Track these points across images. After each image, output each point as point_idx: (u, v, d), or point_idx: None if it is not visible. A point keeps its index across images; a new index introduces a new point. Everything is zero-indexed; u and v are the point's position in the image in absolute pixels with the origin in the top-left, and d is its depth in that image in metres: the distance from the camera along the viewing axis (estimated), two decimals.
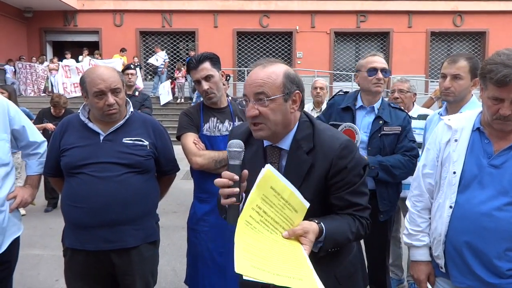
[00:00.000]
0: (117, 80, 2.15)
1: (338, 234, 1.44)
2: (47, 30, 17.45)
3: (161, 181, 2.44)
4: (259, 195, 1.36)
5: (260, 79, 1.45)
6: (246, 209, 1.34)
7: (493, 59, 1.60)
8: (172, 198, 6.27)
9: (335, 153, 1.48)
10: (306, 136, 1.53)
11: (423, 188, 1.91)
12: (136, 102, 5.15)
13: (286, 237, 1.35)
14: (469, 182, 1.71)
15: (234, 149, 1.39)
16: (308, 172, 1.50)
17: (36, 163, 2.44)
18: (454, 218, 1.73)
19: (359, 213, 1.54)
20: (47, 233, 5.16)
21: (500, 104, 1.59)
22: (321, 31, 17.03)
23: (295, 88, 1.50)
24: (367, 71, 2.67)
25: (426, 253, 1.90)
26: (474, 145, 1.74)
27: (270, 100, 1.44)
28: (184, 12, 16.84)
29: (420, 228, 1.91)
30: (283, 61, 1.57)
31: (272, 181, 1.37)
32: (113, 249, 2.13)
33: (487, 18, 16.74)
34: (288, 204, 1.40)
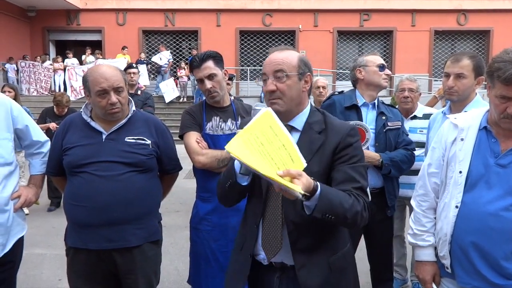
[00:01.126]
0: (120, 79, 2.15)
1: (333, 196, 1.48)
2: (50, 29, 17.50)
3: (164, 180, 2.43)
4: (257, 127, 1.43)
5: (280, 59, 1.64)
6: (244, 132, 1.39)
7: (501, 56, 1.58)
8: (174, 198, 6.28)
9: (346, 131, 1.65)
10: (317, 121, 1.69)
11: (429, 187, 1.90)
12: (138, 101, 5.15)
13: (280, 175, 1.35)
14: (476, 182, 1.69)
15: (259, 108, 1.56)
16: (320, 148, 1.63)
17: (40, 162, 2.44)
18: (460, 218, 1.71)
19: (357, 191, 1.58)
20: (50, 233, 5.17)
21: (508, 102, 1.58)
22: (324, 29, 16.99)
23: (307, 70, 1.68)
24: (377, 66, 2.73)
25: (432, 253, 1.88)
26: (481, 144, 1.72)
27: (287, 77, 1.62)
28: (187, 11, 16.85)
29: (425, 228, 1.89)
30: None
31: (271, 122, 1.47)
32: (115, 248, 2.12)
33: (492, 16, 16.65)
34: (285, 148, 1.43)
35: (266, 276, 1.72)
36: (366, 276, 2.97)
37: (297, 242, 1.62)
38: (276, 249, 1.64)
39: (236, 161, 1.56)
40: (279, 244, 1.63)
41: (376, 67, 2.73)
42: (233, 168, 1.63)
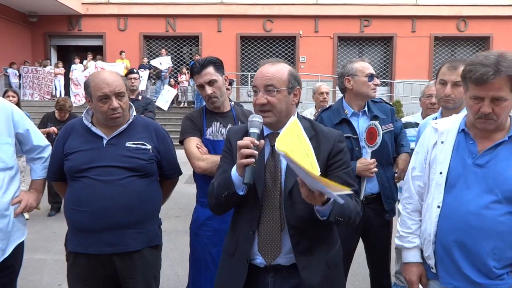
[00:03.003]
0: (121, 84, 2.16)
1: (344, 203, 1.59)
2: (51, 35, 17.57)
3: (164, 185, 2.44)
4: (288, 136, 1.52)
5: (271, 73, 1.70)
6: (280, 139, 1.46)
7: (472, 60, 1.69)
8: (174, 203, 6.27)
9: (336, 137, 1.77)
10: (306, 128, 1.74)
11: (412, 190, 1.97)
12: (139, 106, 5.16)
13: None
14: (455, 182, 1.76)
15: (256, 119, 1.64)
16: None
17: (41, 167, 2.44)
18: (442, 217, 1.78)
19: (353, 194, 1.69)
20: (50, 238, 5.16)
21: (481, 103, 1.65)
22: (324, 35, 17.05)
23: (296, 84, 1.76)
24: (366, 76, 2.69)
25: (417, 255, 1.93)
26: (460, 146, 1.79)
27: (277, 91, 1.68)
28: (187, 16, 16.92)
29: (410, 230, 1.95)
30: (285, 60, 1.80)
31: (298, 131, 1.59)
32: (115, 253, 2.13)
33: (491, 23, 16.71)
34: (308, 157, 1.54)
35: (260, 277, 1.74)
36: (366, 282, 2.97)
37: (298, 244, 1.68)
38: (275, 253, 1.68)
39: (234, 172, 1.63)
40: (279, 248, 1.68)
41: (365, 77, 2.68)
42: (231, 179, 1.65)
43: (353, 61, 2.80)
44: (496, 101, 1.63)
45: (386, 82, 17.31)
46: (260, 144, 1.59)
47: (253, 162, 1.55)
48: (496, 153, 1.71)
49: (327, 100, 5.05)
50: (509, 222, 1.66)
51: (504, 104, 1.63)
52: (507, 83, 1.60)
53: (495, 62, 1.60)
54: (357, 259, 3.04)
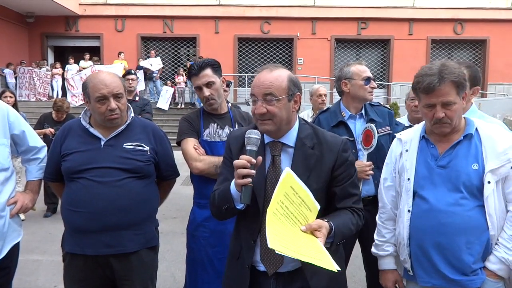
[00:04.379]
0: (119, 86, 2.16)
1: (344, 228, 1.64)
2: (48, 35, 17.53)
3: (161, 186, 2.44)
4: (281, 192, 1.54)
5: (269, 81, 1.64)
6: (272, 203, 1.51)
7: (419, 73, 1.83)
8: (172, 204, 6.26)
9: (339, 147, 1.72)
10: (308, 135, 1.73)
11: (385, 200, 2.08)
12: (136, 107, 5.16)
13: (303, 231, 1.55)
14: (423, 185, 1.87)
15: (253, 136, 1.59)
16: (316, 164, 1.69)
17: (36, 168, 2.44)
18: (413, 220, 1.88)
19: (356, 204, 1.75)
20: (46, 239, 5.14)
21: (433, 109, 1.79)
22: (322, 37, 17.09)
23: (296, 90, 1.70)
24: (363, 80, 2.71)
25: (391, 262, 2.06)
26: (422, 151, 1.92)
27: (277, 100, 1.63)
28: (185, 18, 16.92)
29: (384, 238, 2.07)
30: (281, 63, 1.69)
31: (291, 181, 1.57)
32: (112, 254, 2.12)
33: (488, 26, 16.80)
34: (304, 203, 1.59)
35: (262, 280, 1.74)
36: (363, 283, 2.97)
37: None
38: (278, 264, 1.67)
39: (233, 186, 1.63)
40: (281, 259, 1.66)
41: (361, 80, 2.71)
42: (230, 194, 1.64)
43: (350, 64, 2.81)
44: (447, 106, 1.77)
45: (383, 84, 17.35)
46: (258, 162, 1.57)
47: (250, 182, 1.53)
48: (455, 153, 1.84)
49: (325, 102, 5.06)
50: (477, 217, 1.77)
51: (454, 107, 1.78)
52: (452, 88, 1.75)
53: (438, 71, 1.75)
54: (354, 261, 3.04)
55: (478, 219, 1.77)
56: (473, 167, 1.79)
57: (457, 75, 1.75)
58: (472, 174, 1.78)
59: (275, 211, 1.51)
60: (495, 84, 16.60)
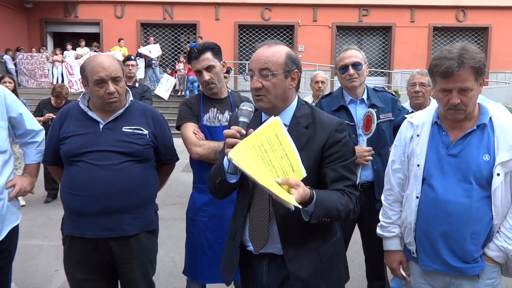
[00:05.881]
0: (118, 69, 2.14)
1: (328, 202, 1.56)
2: (47, 21, 17.37)
3: (160, 171, 2.43)
4: (264, 135, 1.48)
5: (266, 56, 1.63)
6: (250, 138, 1.45)
7: (437, 55, 1.77)
8: (172, 190, 6.28)
9: (333, 126, 1.66)
10: (304, 115, 1.70)
11: (393, 182, 2.04)
12: (136, 94, 5.12)
13: (279, 182, 1.44)
14: (432, 173, 1.84)
15: (246, 108, 1.59)
16: (307, 143, 1.64)
17: (35, 151, 2.43)
18: (421, 207, 1.87)
19: (349, 188, 1.66)
20: (47, 224, 5.17)
21: (449, 94, 1.73)
22: (323, 24, 16.93)
23: (294, 67, 1.67)
24: (339, 69, 2.72)
25: (397, 243, 2.05)
26: (434, 138, 1.88)
27: (272, 75, 1.61)
28: (185, 4, 16.75)
29: (391, 220, 2.05)
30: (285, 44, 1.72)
31: (278, 130, 1.51)
32: (112, 237, 2.13)
33: (490, 13, 16.63)
34: (287, 158, 1.50)
35: (255, 263, 1.76)
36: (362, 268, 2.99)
37: (287, 235, 1.64)
38: (263, 242, 1.68)
39: (225, 160, 1.60)
40: (266, 238, 1.67)
41: (339, 70, 2.72)
42: (223, 166, 1.64)
43: (342, 51, 2.80)
44: (463, 92, 1.71)
45: (384, 72, 17.25)
46: (249, 133, 1.55)
47: None
48: (467, 142, 1.80)
49: (322, 89, 5.00)
50: (484, 208, 1.76)
51: (471, 94, 1.72)
52: (471, 74, 1.69)
53: (458, 55, 1.69)
54: (354, 246, 3.06)
55: (484, 210, 1.76)
56: (484, 158, 1.75)
57: (477, 61, 1.68)
58: (483, 165, 1.75)
59: (251, 147, 1.44)
60: (497, 72, 16.48)
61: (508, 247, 1.76)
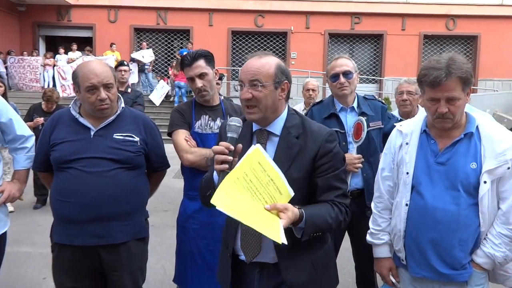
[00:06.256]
0: (110, 75, 2.14)
1: (318, 218, 1.59)
2: (40, 24, 17.26)
3: (151, 178, 2.42)
4: (247, 165, 1.50)
5: (256, 67, 1.64)
6: (234, 171, 1.47)
7: (426, 65, 1.80)
8: (162, 197, 6.24)
9: (324, 137, 1.68)
10: (295, 124, 1.71)
11: (382, 190, 2.07)
12: (128, 99, 5.10)
13: (267, 209, 1.49)
14: (421, 180, 1.87)
15: (233, 123, 1.59)
16: (298, 153, 1.66)
17: (24, 157, 2.41)
18: (410, 214, 1.89)
19: (340, 198, 1.68)
20: (35, 230, 5.10)
21: (437, 104, 1.77)
22: (315, 32, 17.05)
23: (284, 78, 1.68)
24: (330, 77, 2.74)
25: (387, 250, 2.07)
26: (423, 146, 1.91)
27: (262, 86, 1.62)
28: (179, 10, 16.77)
29: (380, 227, 2.07)
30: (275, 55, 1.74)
31: (259, 158, 1.52)
32: (101, 245, 2.11)
33: (479, 22, 16.87)
34: (273, 183, 1.53)
35: (247, 271, 1.76)
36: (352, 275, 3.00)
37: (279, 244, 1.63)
38: (255, 253, 1.68)
39: (215, 173, 1.62)
40: (258, 248, 1.67)
41: (330, 78, 2.75)
42: (213, 179, 1.65)
43: (332, 60, 2.82)
44: (451, 101, 1.75)
45: (376, 79, 17.40)
46: (238, 149, 1.56)
47: (227, 168, 1.51)
48: (455, 151, 1.83)
49: (313, 97, 5.01)
50: (471, 215, 1.79)
51: (458, 103, 1.76)
52: (458, 84, 1.73)
53: (446, 65, 1.72)
54: (344, 253, 3.06)
55: (472, 217, 1.79)
56: (471, 166, 1.79)
57: (464, 71, 1.72)
58: (470, 173, 1.78)
59: (236, 180, 1.47)
60: (485, 79, 16.71)
61: (495, 253, 1.78)
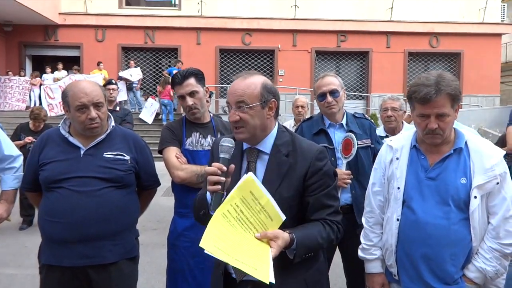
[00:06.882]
0: (100, 94, 2.15)
1: (309, 240, 1.59)
2: (26, 44, 17.19)
3: (142, 196, 2.41)
4: (238, 195, 1.51)
5: (241, 89, 1.64)
6: (224, 204, 1.48)
7: (416, 82, 1.84)
8: (152, 215, 6.17)
9: (314, 155, 1.67)
10: (285, 142, 1.71)
11: (373, 205, 2.08)
12: (117, 117, 5.09)
13: (257, 238, 1.51)
14: (412, 195, 1.89)
15: (226, 144, 1.59)
16: (288, 171, 1.66)
17: (12, 177, 2.39)
18: (402, 229, 1.90)
19: (331, 216, 1.68)
20: (21, 252, 4.99)
21: (427, 120, 1.80)
22: (302, 49, 17.30)
23: (271, 96, 1.68)
24: (317, 96, 2.78)
25: (379, 266, 2.06)
26: (413, 161, 1.94)
27: (249, 108, 1.63)
28: (167, 28, 16.89)
29: (372, 242, 2.07)
30: (261, 73, 1.74)
31: (252, 186, 1.53)
32: (90, 265, 2.08)
33: (462, 40, 17.33)
34: (264, 211, 1.54)
35: None
36: None
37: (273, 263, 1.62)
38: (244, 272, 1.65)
39: (208, 194, 1.63)
40: None
41: (317, 98, 2.79)
42: (206, 200, 1.65)
43: (318, 78, 2.85)
44: (440, 117, 1.78)
45: (362, 95, 17.64)
46: (230, 169, 1.57)
47: (220, 189, 1.53)
48: (445, 166, 1.86)
49: (302, 114, 5.08)
50: (462, 230, 1.80)
51: (448, 119, 1.79)
52: (447, 100, 1.77)
53: (435, 82, 1.76)
54: (335, 269, 3.05)
55: (463, 232, 1.80)
56: (461, 181, 1.81)
57: (453, 88, 1.76)
58: (460, 188, 1.80)
59: (226, 212, 1.49)
60: (470, 95, 17.06)
61: (486, 268, 1.80)
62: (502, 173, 1.80)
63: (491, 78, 17.34)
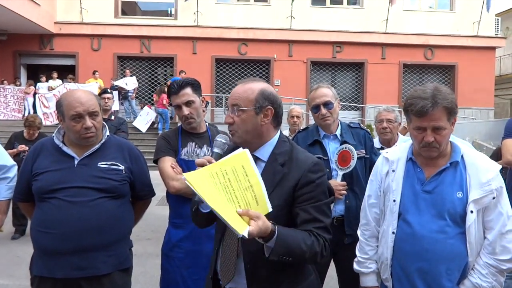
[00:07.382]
0: (95, 104, 2.13)
1: (291, 240, 1.51)
2: (22, 53, 17.17)
3: (136, 206, 2.39)
4: (229, 164, 1.48)
5: (238, 93, 1.65)
6: (214, 165, 1.45)
7: (412, 94, 1.83)
8: (146, 225, 6.13)
9: (307, 166, 1.63)
10: (283, 152, 1.68)
11: (369, 217, 2.06)
12: (112, 126, 5.06)
13: (239, 213, 1.43)
14: (408, 208, 1.87)
15: (220, 140, 1.62)
16: (280, 181, 1.62)
17: (5, 187, 2.36)
18: (397, 242, 1.88)
19: (319, 231, 1.59)
20: (13, 262, 4.92)
21: (423, 132, 1.79)
22: (298, 60, 17.41)
23: (267, 103, 1.65)
24: (311, 108, 2.77)
25: (374, 279, 2.04)
26: (409, 174, 1.92)
27: (241, 111, 1.62)
28: (163, 38, 16.95)
29: (367, 255, 2.05)
30: (264, 81, 1.73)
31: (244, 161, 1.50)
32: (83, 277, 2.05)
33: (456, 52, 17.52)
34: (252, 190, 1.48)
35: None
36: None
37: (253, 273, 1.60)
38: (229, 277, 1.65)
39: None
40: (232, 272, 1.64)
41: (311, 109, 2.78)
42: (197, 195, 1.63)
43: (312, 90, 2.83)
44: (437, 130, 1.77)
45: (358, 106, 17.74)
46: None
47: None
48: (441, 179, 1.85)
49: (297, 124, 5.08)
50: (458, 244, 1.78)
51: (444, 132, 1.78)
52: (444, 114, 1.76)
53: (432, 95, 1.75)
54: (329, 282, 3.03)
55: (459, 246, 1.78)
56: (458, 195, 1.80)
57: (450, 101, 1.76)
58: (457, 202, 1.79)
59: (214, 174, 1.43)
60: (464, 108, 17.18)
61: (482, 284, 1.78)
62: (498, 187, 1.79)
63: (485, 91, 17.51)
